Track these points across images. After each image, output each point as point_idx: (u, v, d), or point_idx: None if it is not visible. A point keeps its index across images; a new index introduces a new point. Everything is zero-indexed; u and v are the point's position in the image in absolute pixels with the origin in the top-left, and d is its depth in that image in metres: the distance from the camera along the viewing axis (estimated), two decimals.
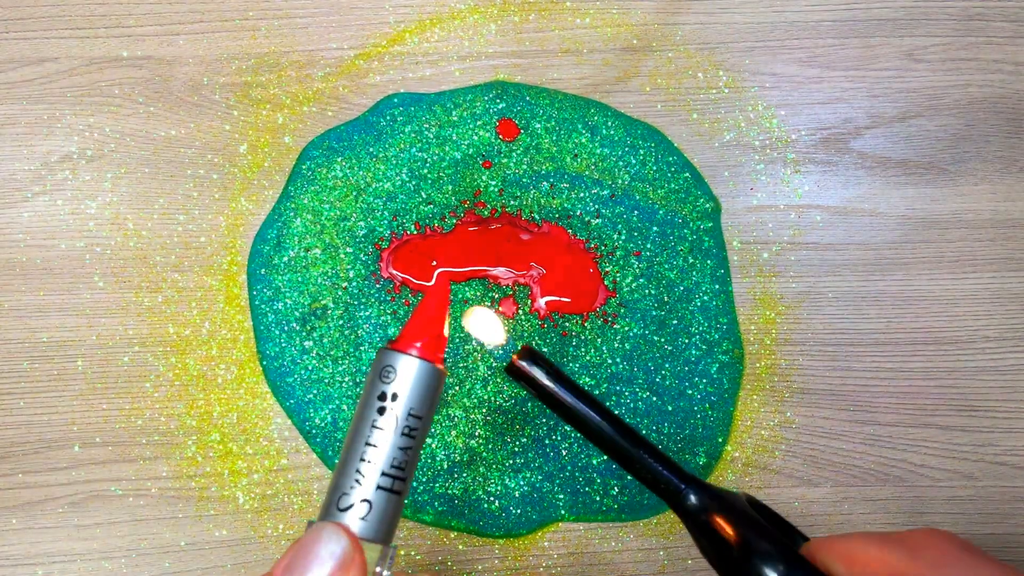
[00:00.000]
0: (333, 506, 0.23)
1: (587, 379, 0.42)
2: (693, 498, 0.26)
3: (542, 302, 0.43)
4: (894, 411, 0.43)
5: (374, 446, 0.24)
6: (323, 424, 0.42)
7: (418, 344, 0.25)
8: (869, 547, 0.24)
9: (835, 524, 0.43)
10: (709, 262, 0.44)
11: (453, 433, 0.41)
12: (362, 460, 0.23)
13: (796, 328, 0.44)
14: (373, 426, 0.24)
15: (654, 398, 0.42)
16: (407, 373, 0.24)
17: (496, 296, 0.43)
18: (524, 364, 0.28)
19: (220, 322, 0.43)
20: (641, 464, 0.27)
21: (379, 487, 0.23)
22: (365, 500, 0.23)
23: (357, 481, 0.23)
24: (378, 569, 0.23)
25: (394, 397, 0.24)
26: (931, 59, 0.47)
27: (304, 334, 0.42)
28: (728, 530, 0.25)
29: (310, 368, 0.42)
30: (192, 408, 0.42)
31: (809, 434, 0.43)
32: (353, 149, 0.45)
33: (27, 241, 0.43)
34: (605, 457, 0.42)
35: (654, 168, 0.45)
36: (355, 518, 0.23)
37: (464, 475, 0.41)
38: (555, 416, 0.42)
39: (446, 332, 0.26)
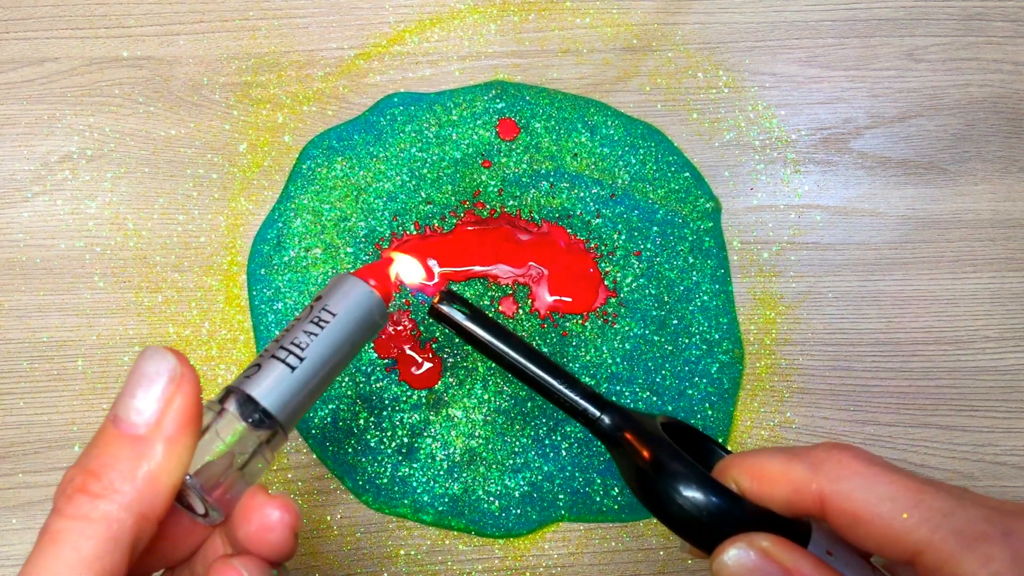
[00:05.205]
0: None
1: (587, 379, 0.42)
2: (608, 420, 0.27)
3: (542, 302, 0.43)
4: (894, 411, 0.43)
5: (287, 330, 0.26)
6: (322, 424, 0.42)
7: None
8: (774, 462, 0.23)
9: None
10: (709, 262, 0.44)
11: (453, 433, 0.41)
12: (274, 341, 0.25)
13: (796, 328, 0.44)
14: (296, 319, 0.26)
15: (654, 398, 0.42)
16: (333, 280, 0.27)
17: (496, 295, 0.43)
18: (444, 306, 0.29)
19: (220, 322, 0.43)
20: (561, 395, 0.28)
21: (272, 355, 0.25)
22: (257, 364, 0.25)
23: (261, 355, 0.25)
24: (235, 431, 0.23)
25: (319, 298, 0.27)
26: (931, 59, 0.47)
27: None
28: (641, 450, 0.26)
29: None
30: None
31: (809, 434, 0.43)
32: (353, 149, 0.45)
33: (27, 241, 0.43)
34: (605, 457, 0.42)
35: (654, 168, 0.45)
36: (242, 377, 0.24)
37: (464, 475, 0.41)
38: (555, 416, 0.42)
39: (391, 275, 0.29)
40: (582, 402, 0.28)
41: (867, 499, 0.22)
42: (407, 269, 0.32)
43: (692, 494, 0.24)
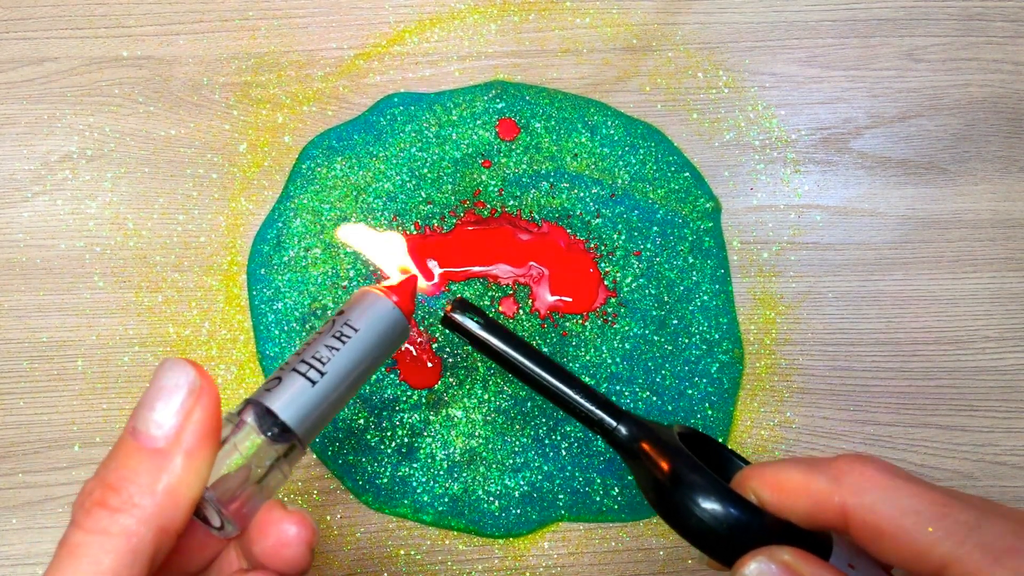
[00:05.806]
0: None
1: (587, 379, 0.42)
2: (624, 431, 0.27)
3: (543, 302, 0.43)
4: (894, 411, 0.43)
5: (308, 344, 0.26)
6: None
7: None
8: (794, 474, 0.23)
9: None
10: (709, 262, 0.44)
11: (453, 433, 0.41)
12: (295, 355, 0.25)
13: (796, 328, 0.44)
14: (317, 333, 0.26)
15: (654, 398, 0.42)
16: (356, 295, 0.27)
17: (496, 295, 0.43)
18: (457, 316, 0.29)
19: (220, 322, 0.43)
20: (576, 404, 0.28)
21: (293, 369, 0.25)
22: (277, 377, 0.24)
23: (282, 368, 0.25)
24: (252, 438, 0.23)
25: (341, 312, 0.27)
26: (931, 59, 0.47)
27: (304, 334, 0.42)
28: (658, 460, 0.25)
29: None
30: None
31: (809, 434, 0.43)
32: (353, 149, 0.45)
33: (27, 241, 0.43)
34: (605, 457, 0.42)
35: (654, 168, 0.45)
36: (261, 390, 0.24)
37: (464, 475, 0.41)
38: (555, 416, 0.42)
39: (418, 282, 0.29)
40: (598, 412, 0.27)
41: (891, 512, 0.21)
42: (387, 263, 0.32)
43: (711, 506, 0.23)
